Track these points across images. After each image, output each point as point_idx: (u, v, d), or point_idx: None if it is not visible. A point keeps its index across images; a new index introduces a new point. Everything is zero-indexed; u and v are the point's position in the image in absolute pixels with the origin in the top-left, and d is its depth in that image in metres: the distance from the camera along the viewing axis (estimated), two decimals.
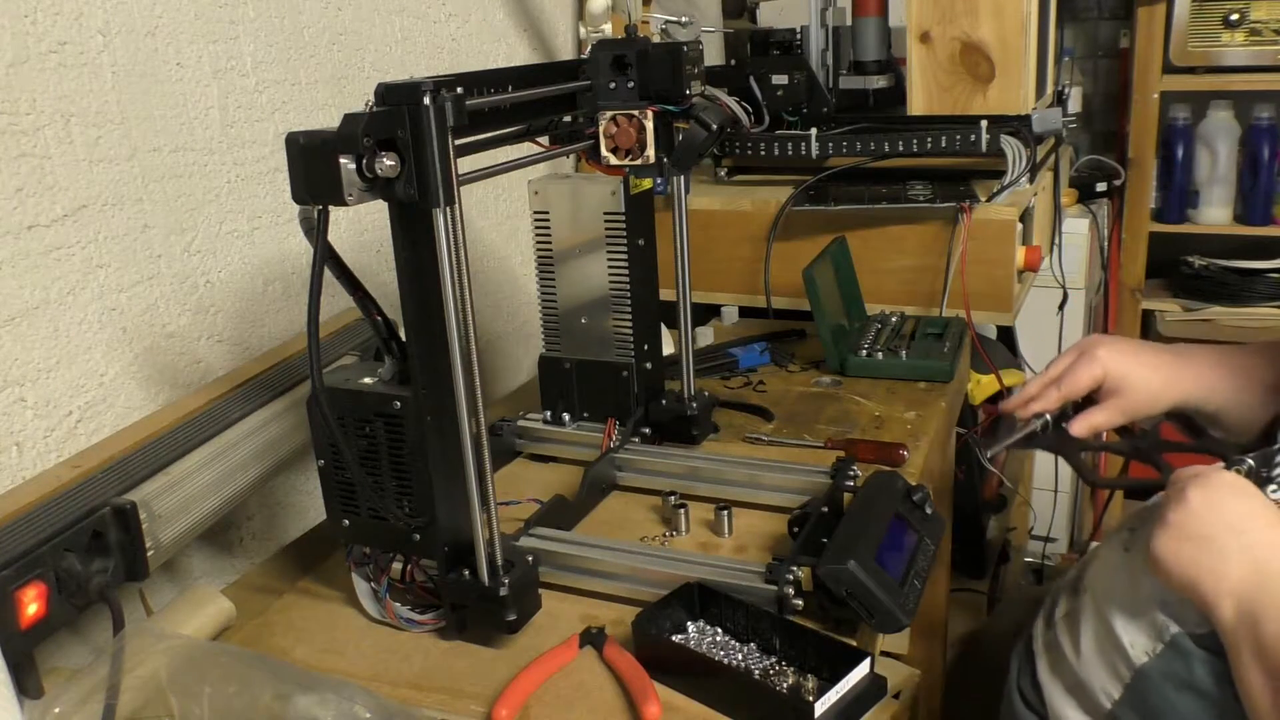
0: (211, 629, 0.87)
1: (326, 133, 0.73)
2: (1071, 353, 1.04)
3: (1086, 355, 1.01)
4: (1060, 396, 1.01)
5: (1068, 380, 1.01)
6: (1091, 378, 1.00)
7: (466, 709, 0.79)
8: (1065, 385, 1.01)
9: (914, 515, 0.90)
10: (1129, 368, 0.99)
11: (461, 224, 0.77)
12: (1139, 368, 1.00)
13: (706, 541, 0.99)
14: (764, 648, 0.82)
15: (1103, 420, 1.01)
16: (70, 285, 0.93)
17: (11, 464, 0.89)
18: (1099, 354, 1.00)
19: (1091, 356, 1.00)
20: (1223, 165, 2.55)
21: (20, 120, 0.88)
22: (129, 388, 1.00)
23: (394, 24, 1.34)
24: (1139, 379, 0.99)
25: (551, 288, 1.17)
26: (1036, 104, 1.59)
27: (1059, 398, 1.01)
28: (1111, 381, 1.00)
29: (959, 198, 1.44)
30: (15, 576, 0.73)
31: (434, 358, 0.81)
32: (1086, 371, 1.00)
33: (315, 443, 0.86)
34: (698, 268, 1.22)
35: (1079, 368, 1.01)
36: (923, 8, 1.51)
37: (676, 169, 1.04)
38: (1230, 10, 2.40)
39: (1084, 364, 1.00)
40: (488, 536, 0.83)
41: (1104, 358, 1.00)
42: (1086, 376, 1.00)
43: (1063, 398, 1.01)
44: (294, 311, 1.19)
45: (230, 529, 1.12)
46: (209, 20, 1.06)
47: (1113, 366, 0.99)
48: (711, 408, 1.18)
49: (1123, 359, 1.00)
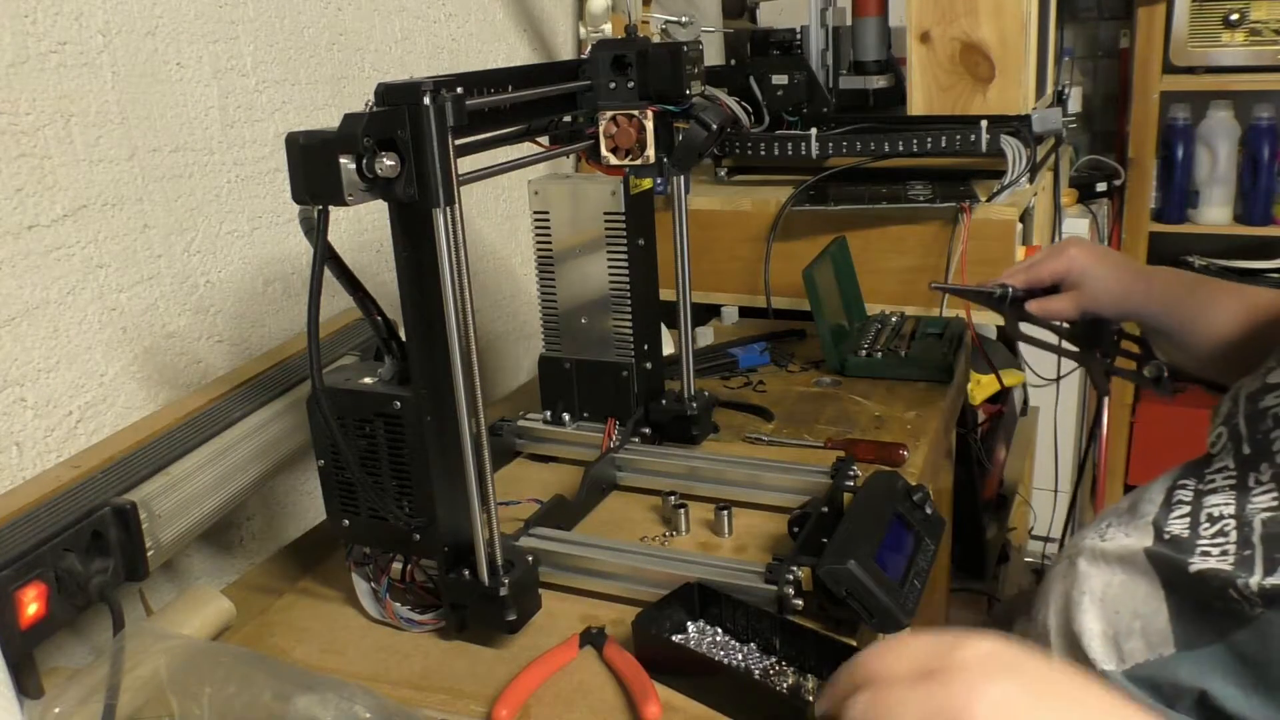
0: (211, 629, 0.87)
1: (326, 133, 0.73)
2: (1047, 248, 1.15)
3: (1059, 250, 1.10)
4: (1025, 278, 1.11)
5: (1037, 267, 1.11)
6: (1055, 269, 1.09)
7: (466, 709, 0.78)
8: (1033, 271, 1.11)
9: (914, 515, 0.90)
10: (1092, 267, 1.08)
11: (461, 224, 0.77)
12: (1101, 268, 1.08)
13: (706, 541, 0.99)
14: (764, 648, 0.82)
15: (1056, 307, 1.10)
16: (70, 285, 0.93)
17: (11, 464, 0.89)
18: (1070, 251, 1.09)
19: (1062, 250, 1.10)
20: (1223, 165, 2.55)
21: (20, 120, 0.88)
22: (129, 388, 1.00)
23: (394, 24, 1.34)
24: (1098, 278, 1.08)
25: (551, 288, 1.17)
26: (1036, 104, 1.59)
27: (1024, 279, 1.11)
28: (1074, 276, 1.08)
29: (959, 198, 1.44)
30: (15, 576, 0.73)
31: (434, 358, 0.81)
32: (1053, 264, 1.09)
33: (315, 443, 0.86)
34: (698, 268, 1.23)
35: (1049, 259, 1.10)
36: (923, 8, 1.51)
37: (676, 169, 1.04)
38: (1230, 10, 2.41)
39: (1054, 256, 1.10)
40: (488, 536, 0.83)
41: (1073, 255, 1.09)
42: (1051, 267, 1.09)
43: (1027, 280, 1.11)
44: (294, 311, 1.19)
45: (230, 529, 1.12)
46: (209, 20, 1.06)
47: (1078, 263, 1.08)
48: (711, 408, 1.18)
49: (1088, 259, 1.08)
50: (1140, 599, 0.76)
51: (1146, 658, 0.74)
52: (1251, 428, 0.81)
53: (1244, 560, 0.72)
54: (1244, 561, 0.71)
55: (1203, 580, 0.72)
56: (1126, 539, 0.81)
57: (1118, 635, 0.77)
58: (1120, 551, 0.80)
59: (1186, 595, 0.73)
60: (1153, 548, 0.78)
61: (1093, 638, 0.78)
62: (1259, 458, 0.79)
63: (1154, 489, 0.86)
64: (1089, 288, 1.08)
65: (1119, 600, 0.78)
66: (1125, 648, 0.76)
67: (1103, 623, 0.78)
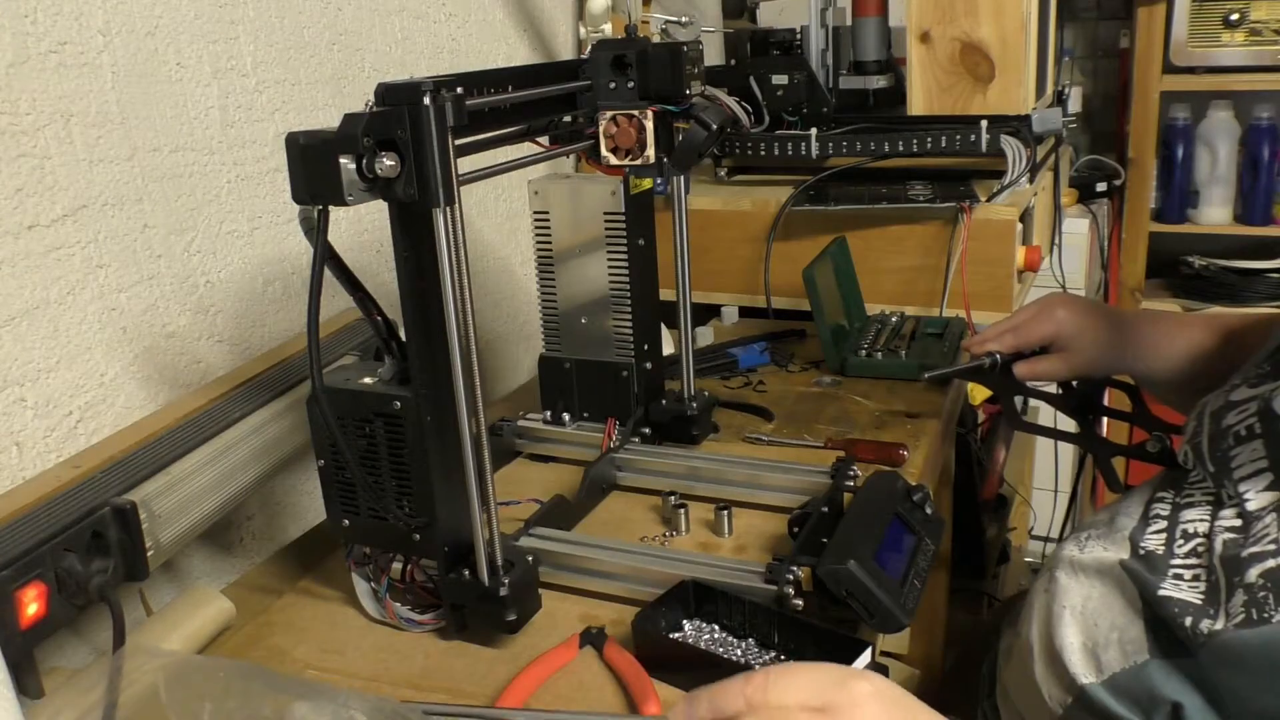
0: (211, 629, 0.87)
1: (326, 133, 0.73)
2: (1031, 306, 1.11)
3: (1045, 312, 1.09)
4: (1013, 343, 1.09)
5: (1024, 330, 1.09)
6: (1045, 333, 1.08)
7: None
8: (1020, 334, 1.09)
9: (914, 515, 0.90)
10: (1081, 329, 1.07)
11: (461, 224, 0.77)
12: (1090, 330, 1.07)
13: (706, 541, 0.99)
14: (762, 642, 0.82)
15: (1045, 369, 1.09)
16: (70, 285, 0.93)
17: (11, 464, 0.89)
18: (1057, 314, 1.08)
19: (1050, 314, 1.08)
20: (1223, 165, 2.55)
21: (20, 120, 0.88)
22: (129, 388, 1.00)
23: (394, 24, 1.34)
24: (1088, 341, 1.07)
25: (551, 288, 1.17)
26: (1036, 104, 1.59)
27: (1012, 344, 1.09)
28: (1063, 340, 1.07)
29: (959, 198, 1.44)
30: (15, 576, 0.73)
31: (434, 358, 0.81)
32: (1041, 327, 1.08)
33: (315, 443, 0.86)
34: (698, 268, 1.22)
35: (1036, 321, 1.09)
36: (923, 8, 1.51)
37: (676, 169, 1.04)
38: (1230, 10, 2.41)
39: (1042, 319, 1.08)
40: (488, 536, 0.83)
41: (1061, 318, 1.07)
42: (1040, 331, 1.08)
43: (1015, 345, 1.09)
44: (294, 311, 1.19)
45: (230, 529, 1.12)
46: (209, 20, 1.06)
47: (1067, 326, 1.07)
48: (711, 408, 1.18)
49: (1077, 319, 1.07)
50: (1117, 610, 0.77)
51: (1123, 666, 0.74)
52: (1213, 446, 0.81)
53: (1212, 591, 0.72)
54: (1212, 593, 0.72)
55: (1166, 607, 0.72)
56: (1104, 552, 0.81)
57: (1096, 647, 0.77)
58: (1098, 565, 0.81)
59: (1157, 611, 0.74)
60: (1129, 561, 0.78)
61: (1073, 651, 0.78)
62: (1220, 475, 0.79)
63: (1132, 501, 0.86)
64: (1080, 349, 1.07)
65: (1098, 613, 0.78)
66: (1103, 658, 0.76)
67: (1082, 635, 0.78)
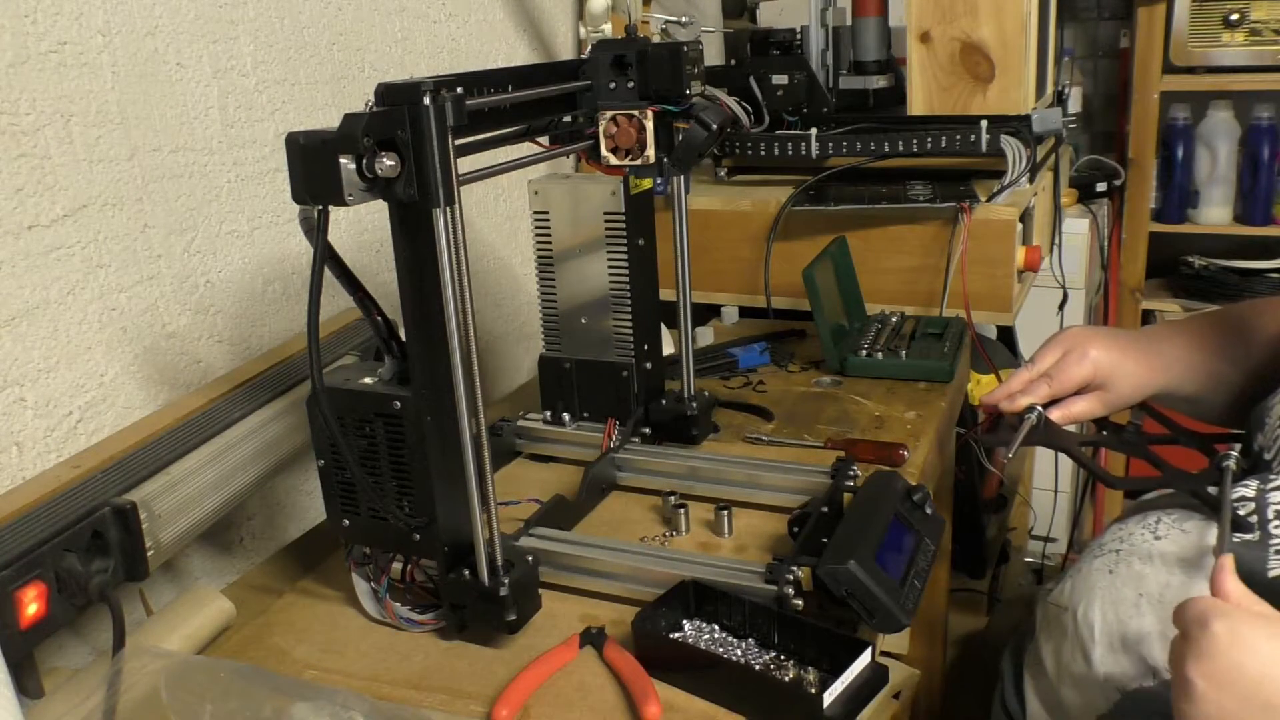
0: (211, 629, 0.87)
1: (326, 133, 0.73)
2: (1056, 347, 1.03)
3: (1076, 352, 1.01)
4: (1049, 393, 1.00)
5: (1060, 377, 1.00)
6: (1083, 376, 1.00)
7: (466, 709, 0.78)
8: (1056, 382, 1.00)
9: (914, 515, 0.90)
10: (1116, 364, 1.00)
11: (461, 224, 0.77)
12: (1125, 363, 1.01)
13: (706, 541, 0.99)
14: (762, 642, 0.82)
15: (1081, 410, 1.01)
16: (70, 285, 0.93)
17: (11, 464, 0.89)
18: (1090, 353, 1.00)
19: (1083, 354, 1.00)
20: (1223, 165, 2.55)
21: (20, 120, 0.88)
22: (129, 388, 1.00)
23: (394, 24, 1.34)
24: (1125, 374, 1.01)
25: (551, 288, 1.17)
26: (1036, 104, 1.59)
27: (1048, 393, 1.00)
28: (1099, 378, 1.01)
29: (959, 198, 1.44)
30: (15, 576, 0.73)
31: (434, 358, 0.81)
32: (1079, 370, 1.00)
33: (315, 443, 0.86)
34: (698, 268, 1.22)
35: (1069, 364, 1.00)
36: (923, 8, 1.51)
37: (676, 169, 1.04)
38: (1230, 10, 2.40)
39: (1074, 361, 1.00)
40: (488, 536, 0.83)
41: (1096, 358, 1.00)
42: (1079, 375, 1.00)
43: (1052, 394, 1.00)
44: (294, 311, 1.19)
45: (230, 529, 1.12)
46: (209, 20, 1.06)
47: (1104, 365, 1.00)
48: (711, 408, 1.18)
49: (1111, 356, 1.00)
50: None
51: None
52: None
53: None
54: None
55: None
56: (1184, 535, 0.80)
57: None
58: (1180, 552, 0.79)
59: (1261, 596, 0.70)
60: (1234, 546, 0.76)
61: (1153, 640, 0.78)
62: None
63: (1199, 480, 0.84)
64: (1115, 386, 1.01)
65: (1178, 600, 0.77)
66: None
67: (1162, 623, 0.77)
